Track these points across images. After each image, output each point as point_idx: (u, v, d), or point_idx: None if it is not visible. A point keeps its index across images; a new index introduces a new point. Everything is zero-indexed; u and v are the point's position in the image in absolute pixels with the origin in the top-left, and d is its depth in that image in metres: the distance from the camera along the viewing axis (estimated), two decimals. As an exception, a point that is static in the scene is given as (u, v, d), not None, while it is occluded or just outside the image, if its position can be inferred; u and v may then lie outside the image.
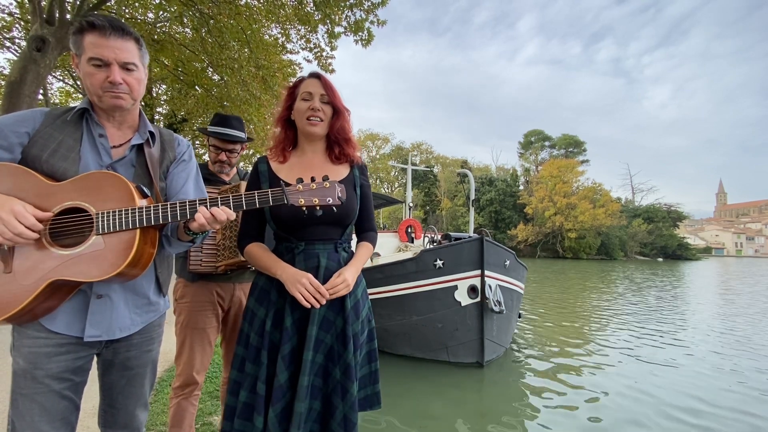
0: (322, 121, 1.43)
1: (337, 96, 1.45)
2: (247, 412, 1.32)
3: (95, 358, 1.20)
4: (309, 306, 1.28)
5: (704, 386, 4.43)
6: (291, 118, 1.50)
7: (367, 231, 1.55)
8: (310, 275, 1.30)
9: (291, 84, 1.54)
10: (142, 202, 1.08)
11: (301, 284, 1.27)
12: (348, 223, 1.45)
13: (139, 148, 1.22)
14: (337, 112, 1.46)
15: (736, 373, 4.92)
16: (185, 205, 1.10)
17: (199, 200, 1.11)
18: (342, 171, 1.50)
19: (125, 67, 1.11)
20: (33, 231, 0.99)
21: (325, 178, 1.17)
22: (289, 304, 1.34)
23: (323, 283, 1.32)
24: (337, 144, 1.50)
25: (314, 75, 1.46)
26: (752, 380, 4.67)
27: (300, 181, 1.17)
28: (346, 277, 1.33)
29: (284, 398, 1.28)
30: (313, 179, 1.17)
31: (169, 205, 1.09)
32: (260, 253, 1.40)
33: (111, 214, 1.05)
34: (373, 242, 1.54)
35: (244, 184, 1.79)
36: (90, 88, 1.12)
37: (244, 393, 1.33)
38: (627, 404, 3.87)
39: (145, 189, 1.12)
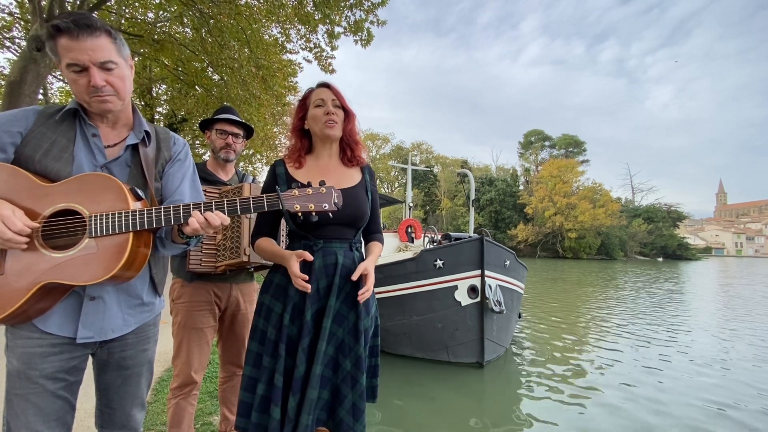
0: (337, 123, 1.53)
1: (346, 100, 1.56)
2: (264, 405, 1.37)
3: (90, 358, 1.20)
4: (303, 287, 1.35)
5: (706, 387, 4.42)
6: (305, 127, 1.59)
7: (374, 233, 1.65)
8: (297, 255, 1.36)
9: (295, 93, 1.60)
10: (135, 205, 1.07)
11: (298, 279, 1.34)
12: (361, 226, 1.55)
13: (134, 147, 1.20)
14: (348, 115, 1.57)
15: (739, 374, 4.91)
16: (179, 209, 1.08)
17: (193, 204, 1.10)
18: (355, 175, 1.59)
19: (104, 66, 1.05)
20: (22, 236, 0.98)
21: (322, 183, 1.17)
22: (308, 298, 1.40)
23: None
24: (348, 147, 1.60)
25: (323, 84, 1.57)
26: (757, 381, 4.66)
27: (297, 185, 1.18)
28: (372, 272, 1.43)
29: (302, 388, 1.34)
30: (309, 184, 1.17)
31: (162, 209, 1.07)
32: (266, 245, 1.48)
33: (104, 217, 1.03)
34: (382, 243, 1.65)
35: (246, 186, 1.80)
36: (77, 95, 1.09)
37: (262, 386, 1.38)
38: (627, 404, 3.86)
39: (139, 191, 1.10)
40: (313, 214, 1.15)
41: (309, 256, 1.36)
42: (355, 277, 1.38)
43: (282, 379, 1.35)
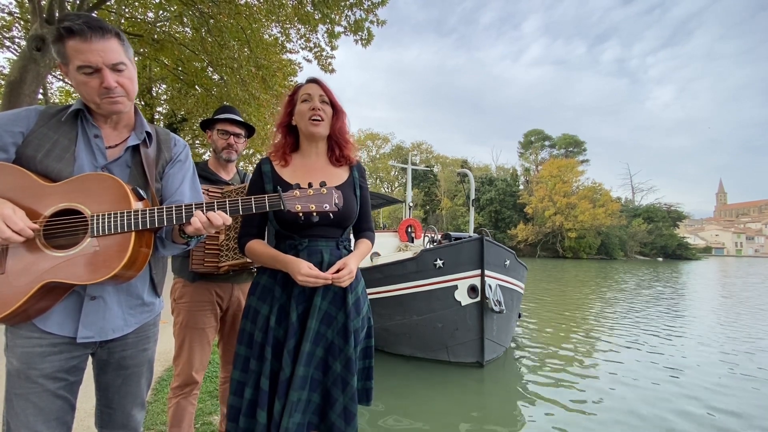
0: (323, 120, 1.47)
1: (335, 97, 1.51)
2: (251, 409, 1.34)
3: (90, 358, 1.20)
4: (320, 287, 1.34)
5: (706, 387, 4.42)
6: (292, 123, 1.54)
7: (365, 230, 1.59)
8: (309, 263, 1.33)
9: (290, 91, 1.58)
10: (137, 205, 1.07)
11: (305, 273, 1.29)
12: (348, 225, 1.50)
13: (135, 149, 1.20)
14: (337, 112, 1.51)
15: (740, 375, 4.91)
16: (181, 209, 1.09)
17: (195, 204, 1.10)
18: (342, 174, 1.54)
19: (115, 68, 1.08)
20: (22, 236, 0.98)
21: (323, 184, 1.17)
22: (294, 298, 1.37)
23: None
24: (337, 145, 1.54)
25: (312, 80, 1.52)
26: (758, 382, 4.66)
27: (297, 186, 1.17)
28: (350, 266, 1.37)
29: (287, 391, 1.31)
30: (310, 185, 1.17)
31: (165, 209, 1.07)
32: (262, 249, 1.42)
33: (106, 216, 1.03)
34: (372, 240, 1.58)
35: (246, 197, 1.77)
36: (86, 97, 1.09)
37: (250, 390, 1.36)
38: (627, 404, 3.86)
39: (140, 191, 1.10)
40: (315, 214, 1.15)
41: (317, 272, 1.32)
42: (332, 270, 1.33)
43: (268, 383, 1.32)
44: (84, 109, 1.14)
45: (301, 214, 1.15)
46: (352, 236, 1.61)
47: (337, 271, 1.35)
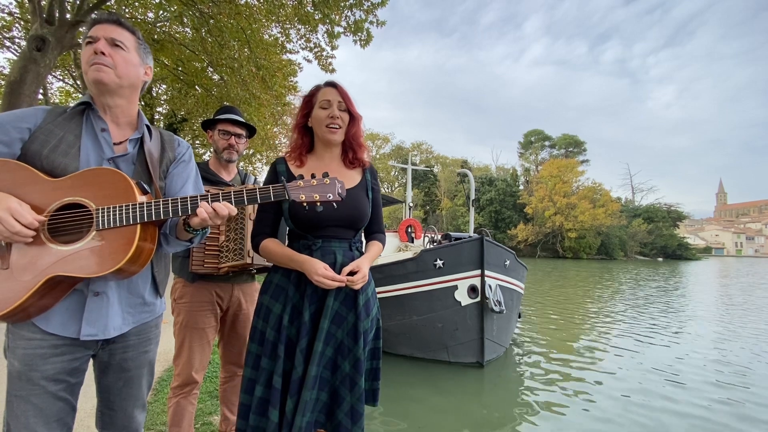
0: (340, 128, 1.50)
1: (353, 103, 1.53)
2: (262, 408, 1.36)
3: (91, 360, 1.19)
4: (334, 288, 1.35)
5: (706, 387, 4.42)
6: (308, 125, 1.56)
7: (375, 233, 1.62)
8: (325, 264, 1.35)
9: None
10: (141, 199, 1.07)
11: (321, 274, 1.31)
12: (360, 226, 1.53)
13: (140, 147, 1.21)
14: (353, 119, 1.54)
15: (739, 376, 4.91)
16: (186, 201, 1.09)
17: (200, 195, 1.10)
18: (356, 176, 1.56)
19: (113, 42, 1.12)
20: (30, 229, 0.98)
21: (325, 175, 1.18)
22: (307, 298, 1.39)
23: None
24: (351, 149, 1.57)
25: (331, 84, 1.53)
26: (756, 383, 4.66)
27: (301, 177, 1.18)
28: (364, 270, 1.39)
29: (299, 390, 1.33)
30: (313, 176, 1.18)
31: (170, 200, 1.08)
32: (277, 248, 1.44)
33: (111, 209, 1.03)
34: (383, 242, 1.61)
35: (251, 187, 1.78)
36: (83, 68, 1.14)
37: (260, 388, 1.37)
38: (627, 404, 3.86)
39: (144, 185, 1.11)
40: (318, 204, 1.16)
41: (333, 274, 1.33)
42: (345, 272, 1.35)
43: (281, 381, 1.33)
44: (91, 103, 1.16)
45: (305, 204, 1.16)
46: (363, 238, 1.62)
47: (351, 273, 1.36)
